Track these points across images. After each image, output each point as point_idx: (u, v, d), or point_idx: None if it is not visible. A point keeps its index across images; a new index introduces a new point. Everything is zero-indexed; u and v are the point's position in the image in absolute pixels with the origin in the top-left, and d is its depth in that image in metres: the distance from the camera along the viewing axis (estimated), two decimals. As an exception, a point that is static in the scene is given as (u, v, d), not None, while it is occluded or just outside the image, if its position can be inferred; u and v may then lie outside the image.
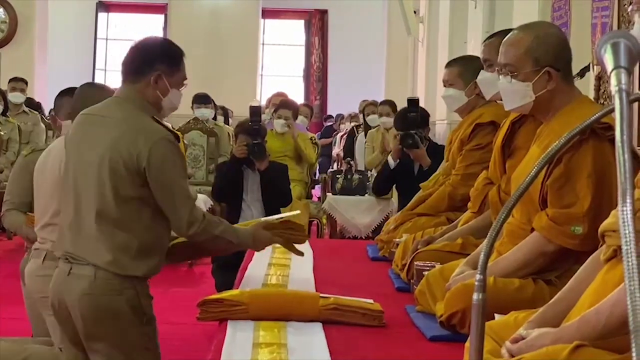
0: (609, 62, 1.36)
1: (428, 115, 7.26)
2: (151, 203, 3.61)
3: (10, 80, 11.28)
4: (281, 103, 9.48)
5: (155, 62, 3.71)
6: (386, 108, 10.18)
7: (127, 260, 3.57)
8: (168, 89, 3.72)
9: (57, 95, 5.22)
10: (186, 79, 3.83)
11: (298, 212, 4.74)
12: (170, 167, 3.61)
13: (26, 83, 11.41)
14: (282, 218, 4.07)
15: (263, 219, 4.20)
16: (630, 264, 1.08)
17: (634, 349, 1.03)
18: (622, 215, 1.14)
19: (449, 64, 4.94)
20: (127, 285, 3.58)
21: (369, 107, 11.65)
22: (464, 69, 4.72)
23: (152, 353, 3.70)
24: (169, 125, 4.96)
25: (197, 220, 3.60)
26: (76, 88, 4.71)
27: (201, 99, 10.61)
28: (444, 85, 4.85)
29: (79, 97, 4.50)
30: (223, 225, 3.72)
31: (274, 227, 3.95)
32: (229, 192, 6.84)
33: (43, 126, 11.45)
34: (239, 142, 6.71)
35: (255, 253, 4.56)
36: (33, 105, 12.99)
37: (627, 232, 1.11)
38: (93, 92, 4.42)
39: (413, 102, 7.21)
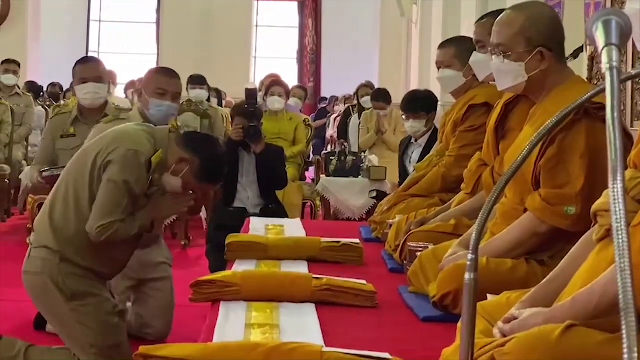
0: (600, 39, 1.35)
1: (436, 100, 7.07)
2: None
3: (3, 62, 11.25)
4: (272, 82, 9.52)
5: None
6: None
7: (50, 235, 4.07)
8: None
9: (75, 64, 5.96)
10: None
11: None
12: (123, 172, 4.04)
13: (19, 65, 11.37)
14: None
15: None
16: (620, 241, 1.08)
17: (624, 327, 1.02)
18: (612, 192, 1.13)
19: (442, 45, 4.92)
20: (48, 263, 4.05)
21: (362, 89, 11.66)
22: (460, 50, 4.68)
23: (87, 328, 4.08)
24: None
25: (106, 232, 4.03)
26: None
27: (196, 80, 10.59)
28: (438, 67, 4.83)
29: None
30: (127, 225, 4.10)
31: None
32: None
33: (37, 108, 11.43)
34: (235, 124, 6.70)
35: (251, 229, 4.83)
36: (35, 89, 12.98)
37: (617, 209, 1.11)
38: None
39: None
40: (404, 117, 6.74)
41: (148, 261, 4.99)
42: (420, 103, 6.73)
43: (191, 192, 4.27)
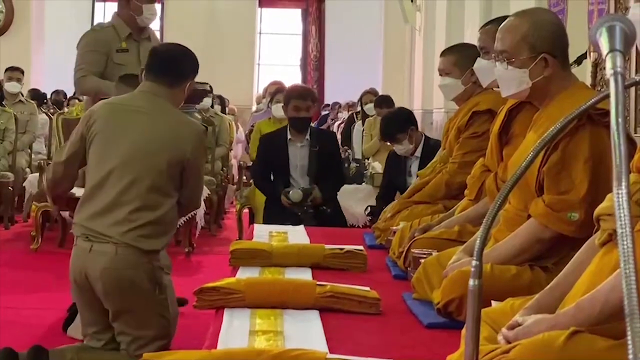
0: (604, 45, 1.35)
1: (407, 114, 7.08)
2: (174, 187, 4.26)
3: (7, 70, 11.27)
4: (277, 89, 9.56)
5: (193, 72, 4.48)
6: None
7: (149, 237, 4.14)
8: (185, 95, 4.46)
9: None
10: None
11: None
12: (203, 155, 4.49)
13: (23, 72, 11.39)
14: None
15: None
16: (625, 246, 1.08)
17: (629, 333, 1.02)
18: (617, 198, 1.13)
19: (444, 53, 4.94)
20: (145, 260, 4.13)
21: (366, 95, 11.67)
22: (459, 57, 4.72)
23: (165, 320, 4.24)
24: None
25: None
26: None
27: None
28: (440, 75, 4.85)
29: None
30: None
31: None
32: (272, 169, 6.84)
33: (41, 116, 11.44)
34: (292, 106, 6.69)
35: (255, 235, 4.90)
36: (38, 96, 12.99)
37: (622, 215, 1.11)
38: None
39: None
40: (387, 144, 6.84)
41: None
42: (393, 128, 6.81)
43: None
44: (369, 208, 7.52)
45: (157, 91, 4.34)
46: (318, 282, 3.37)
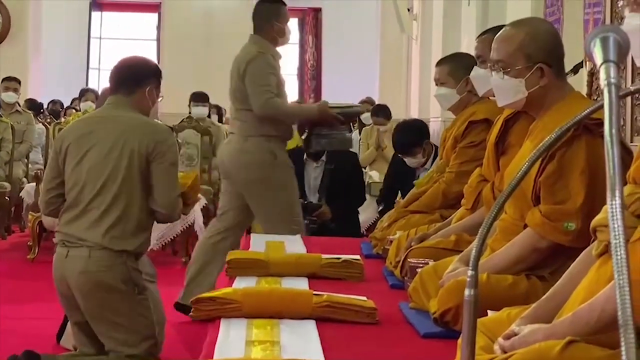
0: (598, 56, 1.36)
1: (422, 126, 7.02)
2: (141, 188, 4.39)
3: (4, 80, 11.26)
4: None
5: (149, 76, 4.60)
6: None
7: (119, 238, 4.30)
8: (155, 100, 4.62)
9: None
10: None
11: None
12: (169, 157, 4.43)
13: (19, 82, 11.39)
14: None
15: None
16: (619, 257, 1.08)
17: (623, 343, 1.02)
18: (611, 208, 1.13)
19: (439, 63, 4.95)
20: (118, 261, 4.30)
21: (363, 105, 11.67)
22: (454, 67, 4.73)
23: (147, 320, 4.40)
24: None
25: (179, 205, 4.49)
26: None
27: (199, 97, 10.63)
28: (436, 84, 4.87)
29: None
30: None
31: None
32: None
33: (37, 125, 11.44)
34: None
35: (251, 245, 4.90)
36: (35, 106, 12.98)
37: (616, 225, 1.11)
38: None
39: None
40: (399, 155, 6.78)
41: None
42: (408, 141, 6.71)
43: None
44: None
45: (117, 101, 4.58)
46: (315, 292, 3.37)
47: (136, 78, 4.58)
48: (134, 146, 4.38)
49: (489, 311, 2.69)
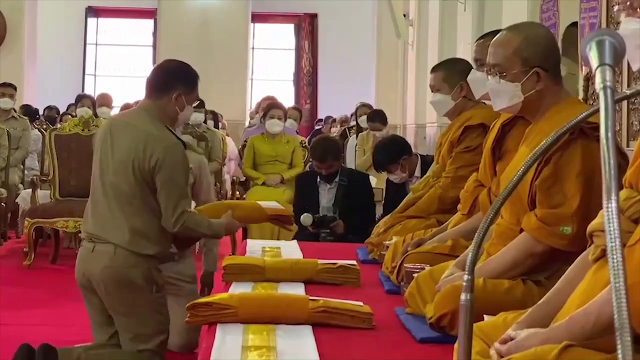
0: (593, 59, 1.35)
1: (401, 143, 7.01)
2: (153, 198, 4.43)
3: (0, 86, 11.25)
4: (270, 105, 9.59)
5: (176, 82, 4.55)
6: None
7: (143, 242, 4.40)
8: (184, 106, 4.57)
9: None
10: (199, 99, 4.85)
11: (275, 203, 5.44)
12: (175, 170, 4.43)
13: (15, 89, 11.36)
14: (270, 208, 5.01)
15: (235, 201, 4.97)
16: (615, 261, 1.08)
17: (619, 346, 1.02)
18: (607, 212, 1.13)
19: (433, 69, 4.95)
20: (141, 260, 4.40)
21: (362, 108, 11.69)
22: (448, 73, 4.73)
23: (163, 316, 4.53)
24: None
25: (181, 219, 4.42)
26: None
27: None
28: (432, 91, 4.87)
29: None
30: (200, 219, 4.60)
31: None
32: (305, 206, 6.96)
33: (33, 131, 11.42)
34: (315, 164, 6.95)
35: (248, 250, 4.97)
36: (31, 112, 12.97)
37: (612, 229, 1.11)
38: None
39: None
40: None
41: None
42: (384, 159, 6.64)
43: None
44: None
45: (146, 105, 4.60)
46: (311, 297, 3.37)
47: (164, 83, 4.57)
48: (136, 157, 4.39)
49: (485, 316, 2.68)
